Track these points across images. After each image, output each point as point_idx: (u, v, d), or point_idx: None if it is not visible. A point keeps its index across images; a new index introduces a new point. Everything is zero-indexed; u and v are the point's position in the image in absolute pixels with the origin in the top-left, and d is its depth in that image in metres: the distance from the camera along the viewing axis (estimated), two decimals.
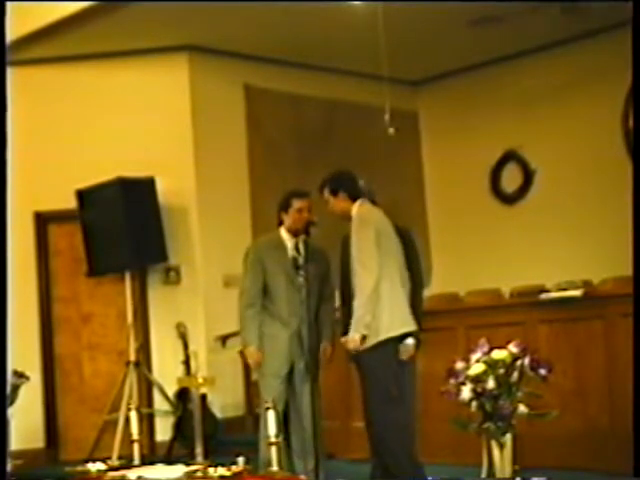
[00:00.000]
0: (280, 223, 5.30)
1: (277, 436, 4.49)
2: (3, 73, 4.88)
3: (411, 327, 4.72)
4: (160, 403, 7.61)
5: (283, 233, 5.27)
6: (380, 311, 4.63)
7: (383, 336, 4.61)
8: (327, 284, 5.38)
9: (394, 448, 4.62)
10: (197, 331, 7.53)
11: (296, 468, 5.13)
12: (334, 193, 4.91)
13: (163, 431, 7.53)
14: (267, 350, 5.16)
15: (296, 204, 5.22)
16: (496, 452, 3.74)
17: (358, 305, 4.64)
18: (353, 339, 4.63)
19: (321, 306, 5.28)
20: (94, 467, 4.88)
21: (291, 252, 5.22)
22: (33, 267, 7.92)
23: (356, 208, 4.84)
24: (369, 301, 4.59)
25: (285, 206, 5.26)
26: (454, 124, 9.05)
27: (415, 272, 4.90)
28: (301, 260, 5.13)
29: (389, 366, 4.64)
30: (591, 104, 8.03)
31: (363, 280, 4.64)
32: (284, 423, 5.07)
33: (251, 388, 7.80)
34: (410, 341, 4.74)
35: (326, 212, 5.10)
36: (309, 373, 5.09)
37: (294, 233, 5.22)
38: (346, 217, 4.87)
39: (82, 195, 7.60)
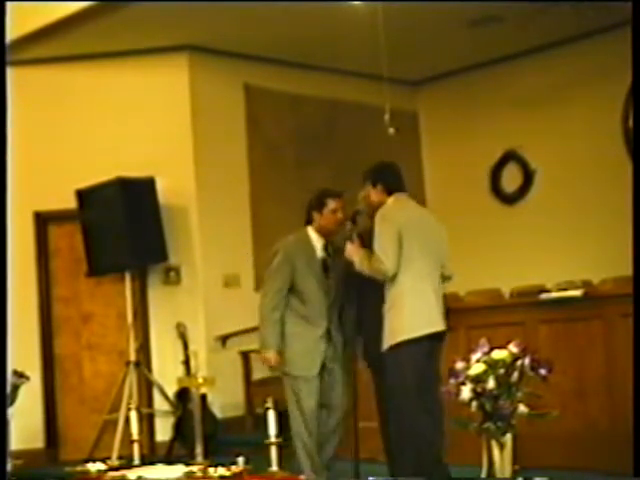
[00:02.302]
0: (308, 222, 5.15)
1: (277, 436, 4.50)
2: (3, 73, 4.88)
3: (436, 327, 4.58)
4: (160, 403, 7.61)
5: (312, 233, 5.12)
6: (400, 311, 4.53)
7: (403, 337, 4.49)
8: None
9: (411, 453, 4.52)
10: (197, 331, 7.53)
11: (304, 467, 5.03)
12: (374, 184, 4.82)
13: (163, 431, 7.52)
14: (295, 350, 4.98)
15: (331, 204, 5.08)
16: (496, 452, 3.74)
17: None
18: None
19: (344, 307, 5.13)
20: (94, 467, 4.89)
21: (320, 253, 5.07)
22: (33, 267, 7.92)
23: (388, 202, 4.75)
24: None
25: (318, 205, 5.11)
26: (454, 124, 9.05)
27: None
28: (330, 261, 5.01)
29: (411, 368, 4.50)
30: (591, 104, 8.03)
31: (379, 275, 4.55)
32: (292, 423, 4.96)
33: (251, 388, 7.81)
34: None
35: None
36: (343, 375, 4.97)
37: (325, 233, 5.08)
38: (375, 210, 4.75)
39: (82, 195, 7.60)
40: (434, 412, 4.54)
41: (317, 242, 5.09)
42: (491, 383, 3.73)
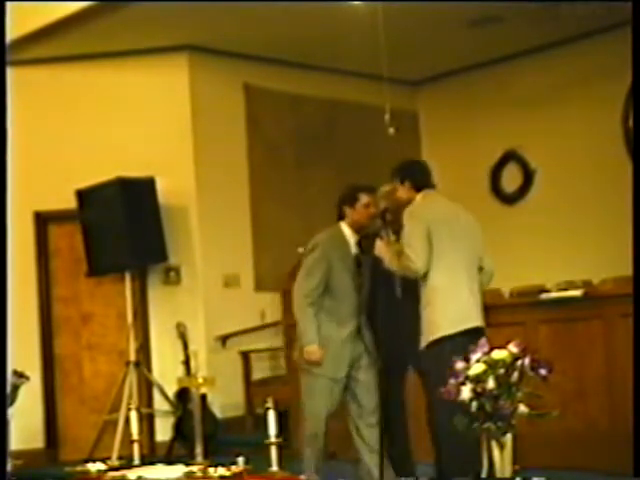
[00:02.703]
0: (340, 217, 5.07)
1: (277, 436, 4.49)
2: (3, 73, 4.88)
3: (472, 323, 4.50)
4: (160, 403, 7.61)
5: (345, 228, 5.03)
6: (434, 308, 4.48)
7: (439, 334, 4.42)
8: None
9: (452, 452, 4.44)
10: (197, 331, 7.53)
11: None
12: (401, 181, 4.77)
13: (163, 431, 7.53)
14: (327, 351, 4.91)
15: (364, 199, 4.99)
16: (496, 452, 3.74)
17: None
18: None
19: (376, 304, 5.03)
20: (94, 467, 4.88)
21: (354, 249, 4.99)
22: (33, 267, 7.92)
23: (416, 199, 4.69)
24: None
25: (351, 200, 5.02)
26: (454, 124, 9.05)
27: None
28: (362, 258, 4.93)
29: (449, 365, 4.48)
30: (591, 104, 8.03)
31: (409, 273, 4.51)
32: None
33: (251, 388, 7.81)
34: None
35: None
36: (374, 374, 4.90)
37: (357, 229, 5.00)
38: (403, 208, 4.68)
39: (82, 195, 7.60)
40: None
41: (351, 238, 5.01)
42: (491, 383, 3.72)
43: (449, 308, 4.47)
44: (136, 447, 5.14)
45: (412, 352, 4.66)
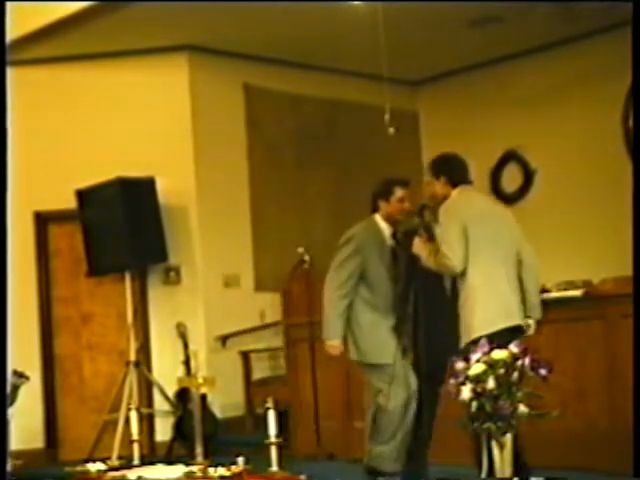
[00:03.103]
0: (374, 210, 5.05)
1: (277, 436, 4.49)
2: (3, 73, 4.88)
3: (512, 321, 4.42)
4: (160, 403, 7.61)
5: (379, 221, 5.02)
6: (473, 307, 4.40)
7: (479, 333, 4.31)
8: None
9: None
10: (197, 331, 7.53)
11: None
12: (437, 176, 4.68)
13: (163, 431, 7.53)
14: (369, 338, 4.88)
15: (398, 193, 4.98)
16: (496, 452, 3.74)
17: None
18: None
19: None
20: (94, 467, 4.89)
21: (389, 241, 4.97)
22: (33, 267, 7.92)
23: (452, 195, 4.60)
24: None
25: (385, 194, 5.01)
26: (454, 124, 9.04)
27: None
28: (398, 250, 4.90)
29: None
30: (591, 104, 8.03)
31: (446, 271, 4.47)
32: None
33: (251, 388, 7.82)
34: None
35: None
36: (413, 372, 4.85)
37: (391, 222, 4.98)
38: (439, 204, 4.61)
39: (82, 195, 7.61)
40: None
41: (386, 230, 5.00)
42: (491, 383, 3.72)
43: (488, 306, 4.39)
44: (136, 447, 5.14)
45: (449, 351, 4.51)
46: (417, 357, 4.82)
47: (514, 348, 3.83)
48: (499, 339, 4.25)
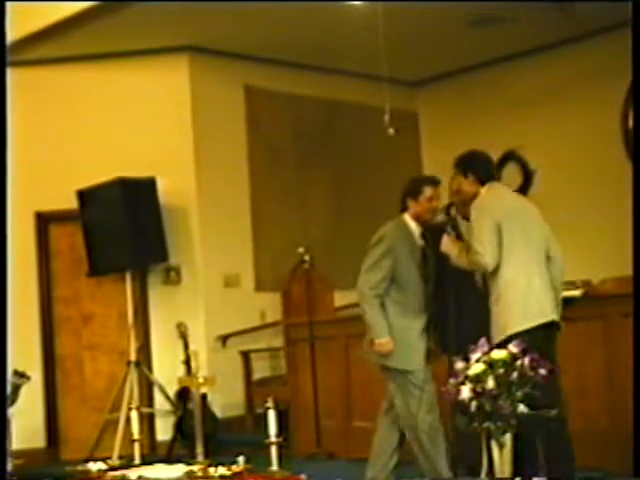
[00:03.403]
0: (403, 209, 5.00)
1: (277, 436, 4.50)
2: (3, 73, 4.88)
3: (546, 317, 4.36)
4: (161, 403, 7.62)
5: (409, 220, 4.96)
6: (506, 304, 4.34)
7: (513, 330, 4.27)
8: None
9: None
10: (197, 331, 7.54)
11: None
12: (465, 175, 4.65)
13: (164, 431, 7.54)
14: (399, 343, 4.79)
15: (428, 192, 4.93)
16: (496, 452, 3.75)
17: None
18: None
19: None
20: (95, 466, 4.89)
21: (419, 241, 4.92)
22: (34, 267, 7.93)
23: (482, 193, 4.56)
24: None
25: (414, 193, 4.95)
26: (454, 124, 9.05)
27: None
28: (428, 250, 4.84)
29: None
30: (591, 104, 8.03)
31: (478, 268, 4.42)
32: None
33: (251, 388, 7.82)
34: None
35: None
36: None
37: (420, 221, 4.93)
38: (468, 202, 4.57)
39: (83, 195, 7.62)
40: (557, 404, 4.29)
41: (415, 230, 4.95)
42: (490, 383, 3.73)
43: (522, 303, 4.33)
44: (137, 447, 5.15)
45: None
46: (449, 359, 4.69)
47: (513, 348, 3.84)
48: (534, 336, 4.24)
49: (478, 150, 4.81)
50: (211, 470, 4.52)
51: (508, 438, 3.73)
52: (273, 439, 4.48)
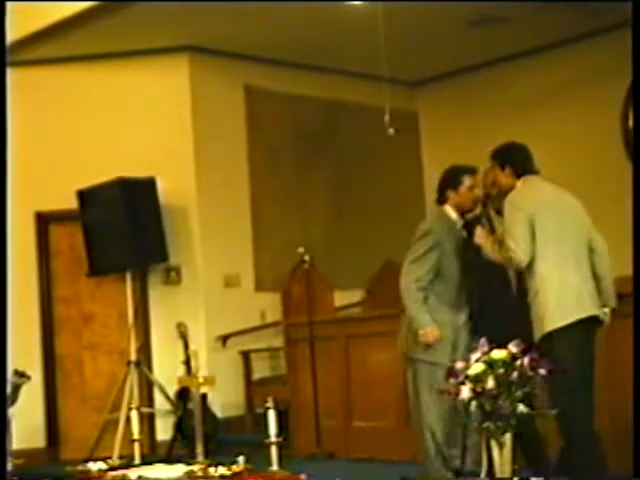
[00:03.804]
0: (442, 201, 4.93)
1: (277, 435, 4.50)
2: (3, 73, 4.89)
3: (586, 312, 4.29)
4: (161, 403, 7.62)
5: (450, 212, 4.90)
6: (544, 299, 4.27)
7: (552, 326, 4.22)
8: None
9: (577, 444, 4.26)
10: (197, 331, 7.53)
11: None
12: (502, 167, 4.57)
13: (164, 431, 7.54)
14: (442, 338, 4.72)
15: (467, 181, 4.85)
16: (495, 452, 3.75)
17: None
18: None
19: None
20: (95, 466, 4.90)
21: (462, 233, 4.86)
22: (34, 267, 7.93)
23: (517, 186, 4.49)
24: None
25: (454, 183, 4.87)
26: (454, 124, 9.05)
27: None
28: (469, 242, 4.73)
29: (567, 358, 4.19)
30: (590, 104, 8.04)
31: (511, 264, 4.36)
32: None
33: (251, 388, 7.83)
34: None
35: None
36: None
37: (462, 212, 4.86)
38: (504, 195, 4.50)
39: (83, 195, 7.62)
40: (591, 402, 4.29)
41: (457, 221, 4.88)
42: (490, 383, 3.73)
43: (557, 299, 4.27)
44: (137, 446, 5.15)
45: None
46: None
47: (513, 348, 3.84)
48: (574, 331, 4.21)
49: (516, 143, 4.71)
50: (211, 470, 4.52)
51: (508, 438, 3.73)
52: (273, 439, 4.49)
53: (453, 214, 4.90)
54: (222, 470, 4.47)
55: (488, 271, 4.61)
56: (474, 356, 3.84)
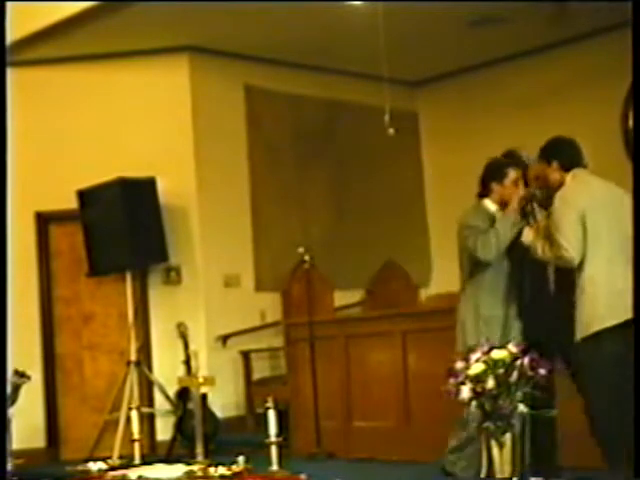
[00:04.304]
0: (483, 195, 4.80)
1: (277, 436, 4.50)
2: (3, 73, 4.89)
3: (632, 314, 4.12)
4: (161, 403, 7.62)
5: (490, 205, 4.76)
6: (590, 299, 4.19)
7: (597, 327, 4.13)
8: None
9: (616, 446, 4.22)
10: (197, 331, 7.54)
11: None
12: (548, 162, 4.48)
13: (164, 431, 7.54)
14: (493, 332, 4.56)
15: (512, 174, 4.73)
16: (495, 452, 3.75)
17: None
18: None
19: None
20: (95, 466, 4.91)
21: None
22: (34, 267, 7.93)
23: (567, 182, 4.39)
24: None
25: (499, 176, 4.74)
26: (454, 124, 9.05)
27: None
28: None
29: (611, 360, 4.12)
30: (590, 104, 8.04)
31: (562, 263, 4.26)
32: None
33: (251, 388, 7.83)
34: None
35: None
36: None
37: (504, 206, 4.70)
38: (551, 190, 4.42)
39: (83, 195, 7.62)
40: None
41: (497, 215, 4.72)
42: (490, 383, 3.74)
43: (605, 299, 4.18)
44: (137, 446, 5.16)
45: (560, 342, 4.36)
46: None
47: (513, 348, 3.84)
48: (621, 331, 4.11)
49: (564, 136, 4.64)
50: (211, 470, 4.53)
51: (508, 438, 3.73)
52: (273, 439, 4.49)
53: (492, 207, 4.75)
54: (222, 470, 4.48)
55: (533, 268, 4.52)
56: (474, 356, 3.84)
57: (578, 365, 4.31)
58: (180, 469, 4.70)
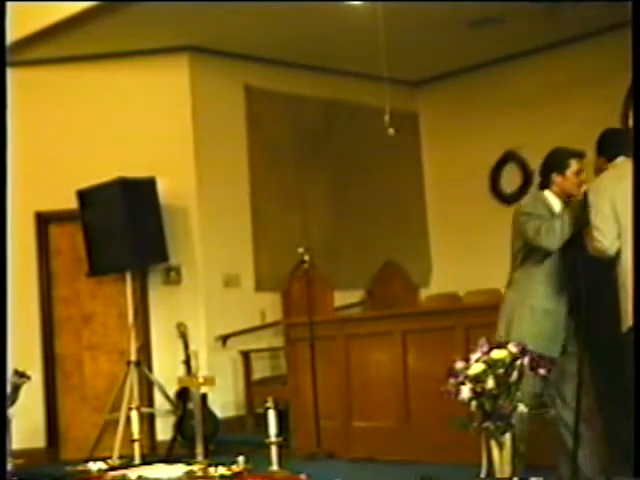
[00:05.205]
0: (544, 186, 4.65)
1: (277, 435, 4.50)
2: (3, 73, 4.89)
3: None
4: (161, 403, 7.62)
5: (550, 197, 4.61)
6: (627, 291, 4.09)
7: (632, 321, 4.05)
8: None
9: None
10: (197, 331, 7.54)
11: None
12: (598, 155, 4.46)
13: (164, 431, 7.54)
14: (545, 327, 4.46)
15: (574, 165, 4.57)
16: (495, 452, 3.75)
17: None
18: None
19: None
20: (95, 466, 4.91)
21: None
22: (34, 267, 7.93)
23: (604, 172, 4.34)
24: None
25: (561, 167, 4.58)
26: (454, 124, 9.06)
27: None
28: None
29: None
30: (590, 104, 8.04)
31: (598, 254, 4.18)
32: None
33: (251, 388, 7.83)
34: None
35: None
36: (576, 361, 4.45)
37: (564, 198, 4.57)
38: None
39: (83, 195, 7.62)
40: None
41: (557, 207, 4.60)
42: (490, 383, 3.74)
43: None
44: (137, 446, 5.16)
45: (613, 339, 4.23)
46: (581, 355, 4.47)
47: (513, 348, 3.84)
48: None
49: (612, 128, 4.59)
50: (211, 470, 4.53)
51: (508, 438, 3.73)
52: (273, 439, 4.49)
53: (552, 199, 4.62)
54: (222, 470, 4.48)
55: (589, 264, 4.41)
56: (474, 356, 3.84)
57: (624, 358, 4.16)
58: (180, 469, 4.70)
